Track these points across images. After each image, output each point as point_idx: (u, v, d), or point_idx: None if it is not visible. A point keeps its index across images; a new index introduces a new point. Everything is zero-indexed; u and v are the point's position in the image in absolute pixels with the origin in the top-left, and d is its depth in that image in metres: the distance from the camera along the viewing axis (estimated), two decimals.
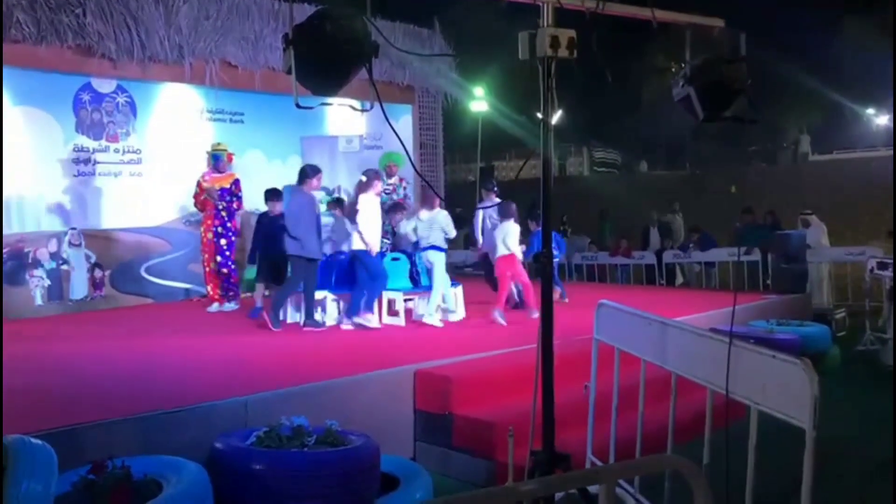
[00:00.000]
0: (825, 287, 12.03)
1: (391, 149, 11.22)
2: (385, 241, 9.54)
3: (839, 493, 4.66)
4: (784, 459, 3.04)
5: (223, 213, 9.38)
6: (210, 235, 9.34)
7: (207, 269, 9.44)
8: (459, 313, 8.52)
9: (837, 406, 6.42)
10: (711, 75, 3.07)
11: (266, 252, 8.60)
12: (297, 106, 2.65)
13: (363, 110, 3.14)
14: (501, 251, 8.12)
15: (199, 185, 9.42)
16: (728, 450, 3.14)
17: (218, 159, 9.49)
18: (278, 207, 8.58)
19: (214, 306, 9.35)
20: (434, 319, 7.90)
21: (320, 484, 3.75)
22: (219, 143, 9.73)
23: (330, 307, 8.24)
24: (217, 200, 9.27)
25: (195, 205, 9.57)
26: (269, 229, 8.50)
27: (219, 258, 9.34)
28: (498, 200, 8.91)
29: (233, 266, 9.49)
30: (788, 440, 2.93)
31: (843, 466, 5.15)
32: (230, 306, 9.39)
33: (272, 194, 8.80)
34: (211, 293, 9.48)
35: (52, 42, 8.99)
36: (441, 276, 8.03)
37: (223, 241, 9.37)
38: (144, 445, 4.15)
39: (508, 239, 8.10)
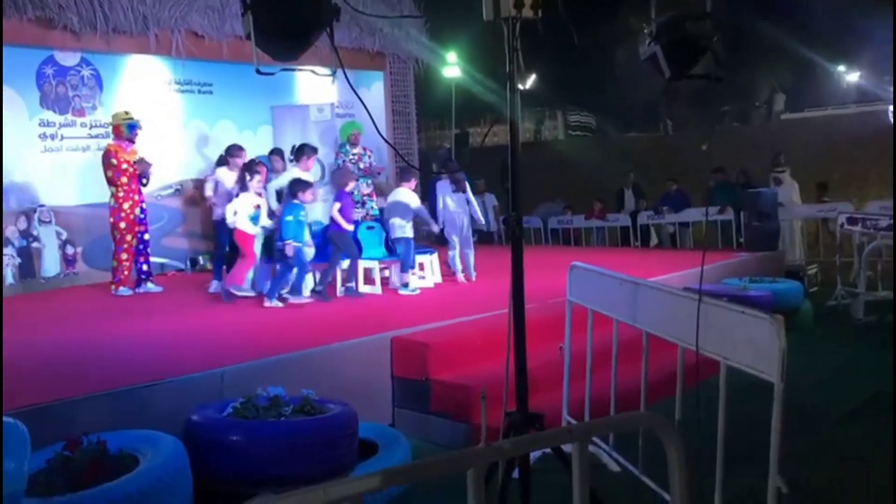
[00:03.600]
0: (797, 244, 12.16)
1: (364, 117, 11.13)
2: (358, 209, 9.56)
3: (811, 443, 4.75)
4: (755, 413, 3.09)
5: (141, 188, 8.70)
6: (138, 211, 8.59)
7: (127, 246, 8.53)
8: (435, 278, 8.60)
9: (810, 360, 6.58)
10: (677, 33, 3.06)
11: None
12: (258, 72, 2.60)
13: (326, 76, 3.09)
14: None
15: (114, 155, 8.43)
16: (699, 406, 3.18)
17: (133, 128, 8.59)
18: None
19: (123, 289, 8.57)
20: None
21: (298, 453, 3.76)
22: (127, 112, 8.76)
23: (307, 278, 8.20)
24: (148, 167, 8.59)
25: (115, 178, 8.43)
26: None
27: (146, 236, 8.75)
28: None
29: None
30: (759, 394, 2.97)
31: (815, 417, 5.26)
32: (155, 288, 8.80)
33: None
34: (124, 275, 8.60)
35: (11, 15, 8.77)
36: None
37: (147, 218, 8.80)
38: (120, 420, 4.13)
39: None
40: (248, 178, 7.72)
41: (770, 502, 2.76)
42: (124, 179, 8.49)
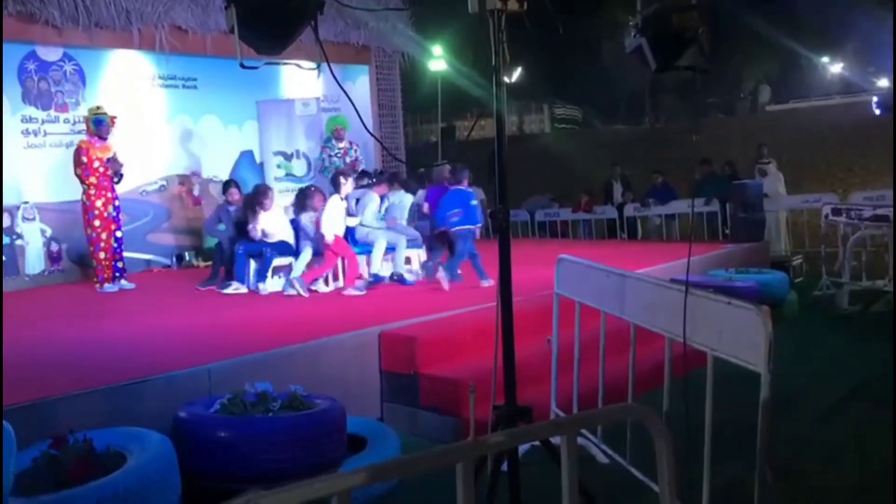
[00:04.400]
0: (783, 235, 12.23)
1: (350, 111, 11.08)
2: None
3: (797, 432, 4.78)
4: (742, 404, 3.10)
5: (114, 186, 8.64)
6: (111, 209, 8.56)
7: (104, 244, 8.49)
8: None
9: (796, 350, 6.62)
10: (662, 24, 3.06)
11: None
12: (242, 66, 2.59)
13: (311, 70, 3.07)
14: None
15: (85, 153, 8.39)
16: (687, 397, 3.19)
17: (100, 124, 8.48)
18: None
19: (108, 286, 8.55)
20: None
21: (286, 448, 3.75)
22: (98, 107, 8.74)
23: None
24: (119, 167, 8.55)
25: (84, 176, 8.42)
26: None
27: (119, 233, 8.69)
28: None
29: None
30: (746, 385, 2.98)
31: (801, 407, 5.29)
32: (128, 285, 8.72)
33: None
34: (107, 272, 8.57)
35: None
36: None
37: (120, 216, 8.78)
38: (107, 418, 4.11)
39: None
40: (341, 180, 8.02)
41: (757, 492, 2.77)
42: (94, 179, 8.43)
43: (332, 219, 7.85)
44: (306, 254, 8.04)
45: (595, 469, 4.16)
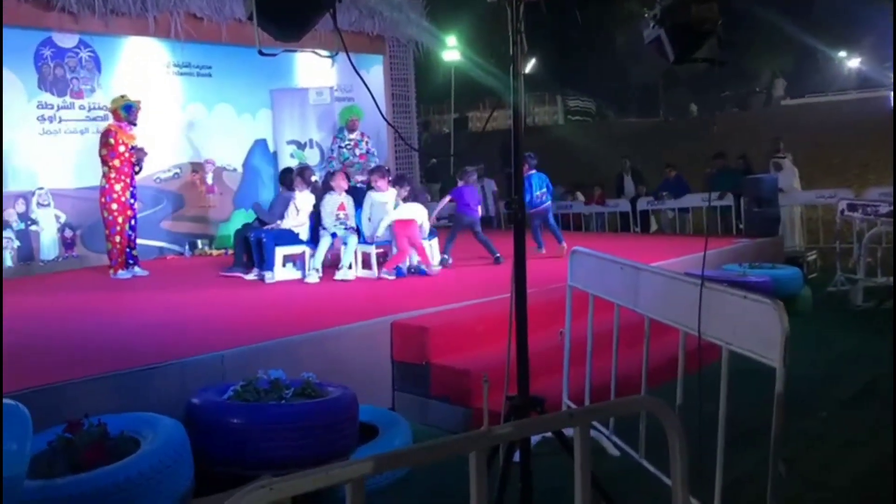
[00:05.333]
0: (797, 230, 12.15)
1: (365, 101, 11.07)
2: None
3: (809, 428, 4.77)
4: (756, 398, 3.09)
5: (134, 173, 8.70)
6: (128, 194, 8.57)
7: (119, 228, 8.52)
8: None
9: (809, 346, 6.59)
10: (682, 16, 3.04)
11: None
12: (260, 53, 2.58)
13: (328, 57, 3.07)
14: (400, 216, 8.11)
15: (113, 136, 8.43)
16: (701, 390, 3.18)
17: (131, 109, 8.54)
18: None
19: (122, 273, 8.57)
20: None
21: (299, 436, 3.76)
22: (123, 95, 8.74)
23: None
24: (143, 156, 8.66)
25: (109, 157, 8.42)
26: None
27: (133, 220, 8.71)
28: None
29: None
30: (760, 379, 2.97)
31: (813, 402, 5.27)
32: (141, 272, 8.75)
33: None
34: (120, 258, 8.60)
35: None
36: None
37: (136, 204, 8.84)
38: (121, 403, 4.13)
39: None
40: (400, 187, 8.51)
41: (770, 486, 2.76)
42: (117, 163, 8.46)
43: (403, 209, 8.19)
44: (352, 243, 8.11)
45: (606, 462, 4.16)
